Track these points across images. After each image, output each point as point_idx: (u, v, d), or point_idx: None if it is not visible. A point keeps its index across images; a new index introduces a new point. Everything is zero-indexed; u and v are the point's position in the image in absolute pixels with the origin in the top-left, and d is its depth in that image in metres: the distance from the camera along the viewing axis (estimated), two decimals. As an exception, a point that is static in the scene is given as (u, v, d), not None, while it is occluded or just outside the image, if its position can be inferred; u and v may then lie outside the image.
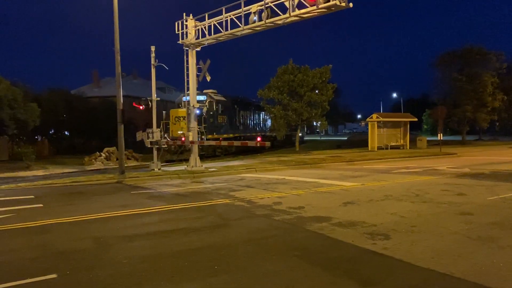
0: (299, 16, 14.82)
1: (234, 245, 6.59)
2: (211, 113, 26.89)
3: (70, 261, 5.85)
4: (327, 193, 11.69)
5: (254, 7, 15.83)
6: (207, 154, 27.67)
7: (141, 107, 20.32)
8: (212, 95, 28.29)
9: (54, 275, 5.24)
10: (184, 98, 24.52)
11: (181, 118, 25.72)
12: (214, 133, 28.13)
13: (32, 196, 12.18)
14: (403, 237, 6.84)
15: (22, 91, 27.85)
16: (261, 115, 37.99)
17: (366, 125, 36.76)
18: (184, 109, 23.12)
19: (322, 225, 7.71)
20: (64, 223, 8.45)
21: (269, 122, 37.81)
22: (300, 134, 36.51)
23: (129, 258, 5.94)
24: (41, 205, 10.72)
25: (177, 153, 26.26)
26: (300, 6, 14.58)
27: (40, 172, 22.42)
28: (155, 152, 19.25)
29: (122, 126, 17.30)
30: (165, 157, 25.06)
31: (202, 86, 24.58)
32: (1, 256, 6.20)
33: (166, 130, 24.73)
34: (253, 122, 36.92)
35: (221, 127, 30.01)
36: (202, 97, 25.90)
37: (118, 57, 17.16)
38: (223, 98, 29.79)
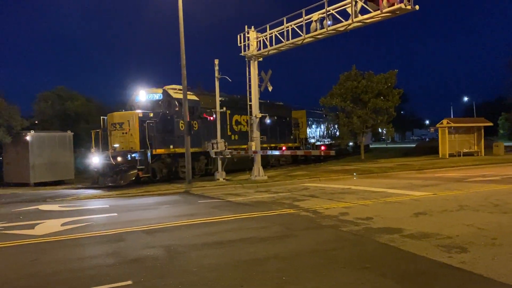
0: (362, 22, 14.55)
1: (301, 255, 6.50)
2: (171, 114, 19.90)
3: (143, 269, 6.08)
4: (397, 203, 11.23)
5: (315, 15, 15.78)
6: (271, 164, 26.66)
7: (211, 118, 20.97)
8: (172, 92, 20.51)
9: (129, 282, 5.47)
10: (136, 98, 20.60)
11: (117, 126, 18.52)
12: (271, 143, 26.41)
13: (107, 206, 12.89)
14: (482, 250, 6.37)
15: (95, 106, 29.79)
16: (321, 123, 36.49)
17: (436, 131, 35.10)
18: (124, 112, 19.28)
19: (393, 237, 7.39)
20: (136, 231, 8.83)
21: (331, 131, 36.99)
22: (365, 142, 35.45)
23: (198, 267, 6.06)
24: (115, 214, 11.31)
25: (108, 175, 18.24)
26: (363, 11, 14.31)
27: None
28: (219, 162, 19.65)
29: (189, 137, 17.91)
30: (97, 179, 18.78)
31: (264, 96, 23.25)
32: (81, 262, 6.59)
33: (105, 142, 19.07)
34: (328, 131, 35.93)
35: (271, 136, 25.63)
36: (157, 95, 20.44)
37: (184, 72, 17.82)
38: (194, 98, 21.37)
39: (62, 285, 5.50)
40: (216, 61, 19.57)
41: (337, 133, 35.63)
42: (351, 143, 38.14)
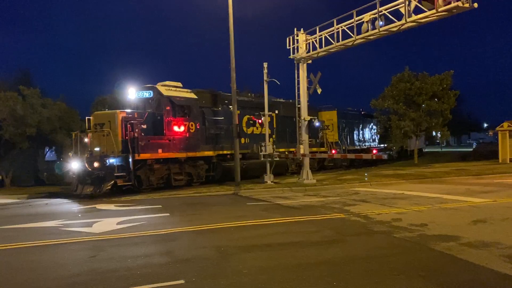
0: (416, 22, 14.07)
1: (352, 261, 6.37)
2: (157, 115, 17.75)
3: (195, 268, 6.20)
4: (453, 210, 10.73)
5: (366, 16, 15.45)
6: (315, 167, 25.24)
7: (259, 121, 21.09)
8: (163, 89, 18.19)
9: (182, 281, 5.60)
10: (127, 97, 18.69)
11: (98, 127, 16.78)
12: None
13: (160, 206, 13.29)
14: (551, 262, 5.95)
15: None
16: (372, 126, 34.29)
17: (495, 134, 33.13)
18: (105, 111, 17.81)
19: (449, 245, 7.07)
20: (188, 231, 9.03)
21: (372, 134, 35.40)
22: (418, 146, 34.04)
23: (248, 269, 6.10)
24: (167, 214, 11.63)
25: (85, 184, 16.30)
26: (417, 11, 13.84)
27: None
28: (267, 165, 19.70)
29: (237, 140, 18.11)
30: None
31: (315, 100, 22.50)
32: (136, 260, 6.82)
33: (83, 145, 17.20)
34: (364, 134, 33.42)
35: (291, 140, 23.83)
36: (147, 93, 18.22)
37: (233, 75, 18.07)
38: (191, 95, 19.04)
39: (119, 282, 5.71)
40: (265, 64, 19.67)
41: (377, 136, 34.04)
42: (394, 147, 36.03)
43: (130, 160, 16.10)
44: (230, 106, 19.68)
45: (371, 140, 33.95)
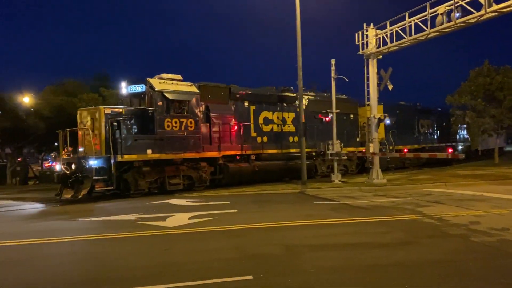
0: (498, 12, 13.15)
1: (426, 264, 6.11)
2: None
3: (262, 265, 6.30)
4: (540, 214, 9.88)
5: (441, 8, 14.69)
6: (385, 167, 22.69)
7: (327, 119, 20.85)
8: (156, 83, 16.21)
9: (250, 277, 5.71)
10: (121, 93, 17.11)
11: (82, 125, 15.40)
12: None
13: (228, 202, 13.62)
14: None
15: None
16: (433, 122, 30.62)
17: None
18: (89, 108, 16.22)
19: (536, 252, 6.53)
20: (255, 228, 9.18)
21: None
22: (498, 145, 31.64)
23: (316, 268, 6.08)
24: (236, 210, 11.90)
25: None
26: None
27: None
28: (335, 164, 19.41)
29: (304, 138, 18.02)
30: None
31: (384, 96, 21.13)
32: (206, 254, 7.06)
33: (71, 145, 15.57)
34: (421, 131, 29.47)
35: (320, 138, 21.15)
36: (139, 87, 16.41)
37: (300, 73, 17.99)
38: (190, 89, 16.92)
39: (190, 275, 5.94)
40: (333, 61, 19.41)
41: (437, 134, 30.88)
42: (460, 147, 32.23)
43: (112, 161, 14.64)
44: (245, 102, 18.63)
45: (431, 138, 30.21)
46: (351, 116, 23.73)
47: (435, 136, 30.92)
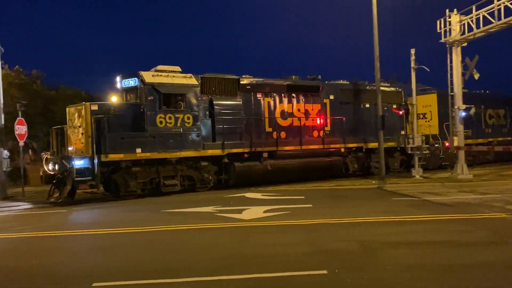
0: None
1: (513, 267, 5.70)
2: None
3: (337, 260, 6.27)
4: None
5: (537, -13, 13.38)
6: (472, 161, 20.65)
7: (400, 112, 20.04)
8: (148, 76, 14.84)
9: (324, 271, 5.72)
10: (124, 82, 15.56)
11: (70, 122, 14.76)
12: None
13: (303, 197, 13.66)
14: None
15: None
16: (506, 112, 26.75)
17: None
18: (77, 105, 14.97)
19: None
20: (330, 223, 9.13)
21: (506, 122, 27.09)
22: None
23: (392, 265, 5.93)
24: (310, 205, 11.90)
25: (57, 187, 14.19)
26: None
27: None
28: (415, 158, 18.56)
29: (382, 132, 17.48)
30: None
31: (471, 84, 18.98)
32: (280, 247, 7.16)
33: (62, 144, 14.83)
34: (490, 123, 25.41)
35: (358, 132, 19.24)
36: (132, 81, 15.16)
37: (377, 64, 17.51)
38: (191, 82, 15.54)
39: (263, 267, 6.06)
40: (413, 51, 18.53)
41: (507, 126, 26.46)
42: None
43: (96, 161, 13.64)
44: (258, 94, 16.93)
45: (502, 131, 26.31)
46: (396, 106, 20.92)
47: (506, 129, 26.76)
